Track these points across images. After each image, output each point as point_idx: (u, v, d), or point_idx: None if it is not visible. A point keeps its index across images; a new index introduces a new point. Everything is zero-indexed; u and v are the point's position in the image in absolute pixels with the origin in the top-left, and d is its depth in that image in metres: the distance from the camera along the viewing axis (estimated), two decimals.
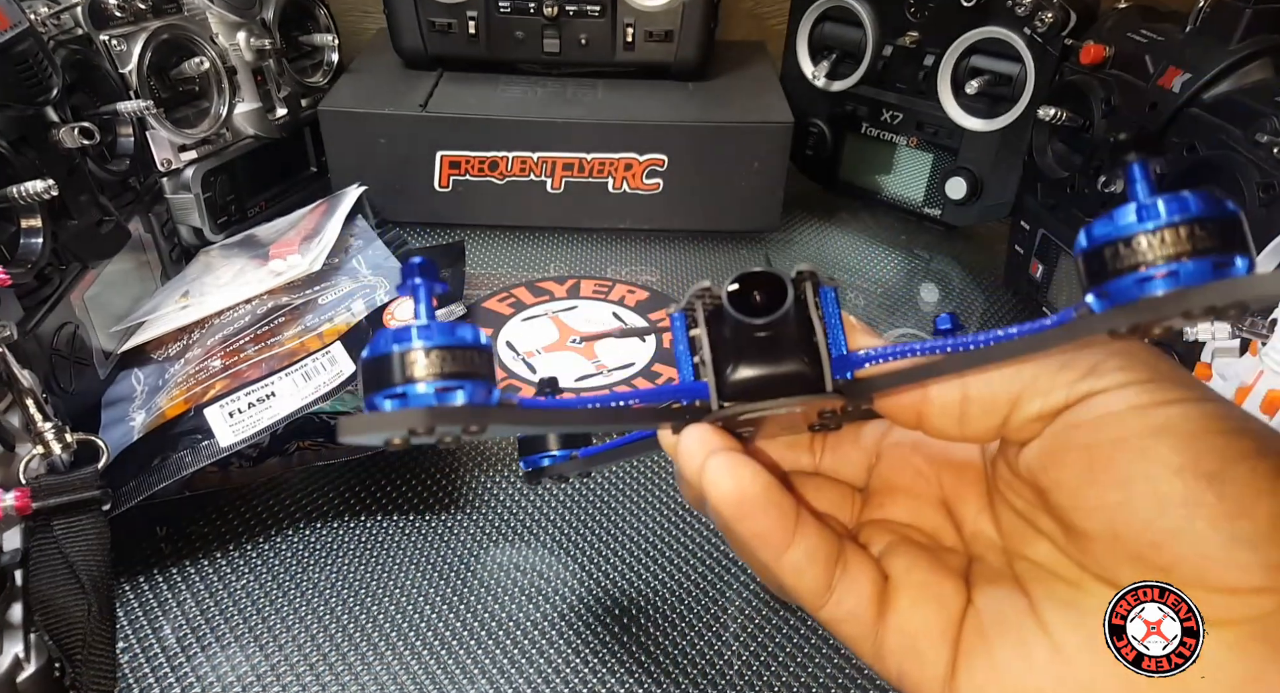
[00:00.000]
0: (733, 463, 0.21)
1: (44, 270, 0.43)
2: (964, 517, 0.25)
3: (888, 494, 0.26)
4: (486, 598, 0.40)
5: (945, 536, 0.25)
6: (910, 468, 0.25)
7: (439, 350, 0.16)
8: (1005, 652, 0.21)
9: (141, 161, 0.55)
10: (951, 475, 0.25)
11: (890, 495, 0.25)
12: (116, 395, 0.49)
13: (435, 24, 0.71)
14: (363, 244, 0.58)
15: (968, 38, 0.64)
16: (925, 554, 0.24)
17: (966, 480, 0.25)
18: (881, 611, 0.22)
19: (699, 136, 0.67)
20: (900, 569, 0.23)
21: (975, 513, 0.24)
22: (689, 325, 0.22)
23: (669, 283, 0.66)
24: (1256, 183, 0.40)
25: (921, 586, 0.23)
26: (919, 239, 0.74)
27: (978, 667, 0.22)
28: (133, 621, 0.39)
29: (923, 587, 0.23)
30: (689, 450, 0.21)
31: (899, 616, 0.22)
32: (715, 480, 0.21)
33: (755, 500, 0.21)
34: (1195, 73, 0.46)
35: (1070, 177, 0.55)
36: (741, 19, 0.92)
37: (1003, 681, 0.21)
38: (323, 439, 0.45)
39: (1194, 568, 0.19)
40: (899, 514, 0.25)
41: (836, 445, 0.26)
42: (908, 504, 0.25)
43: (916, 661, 0.22)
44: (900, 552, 0.24)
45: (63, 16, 0.50)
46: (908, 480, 0.25)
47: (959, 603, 0.23)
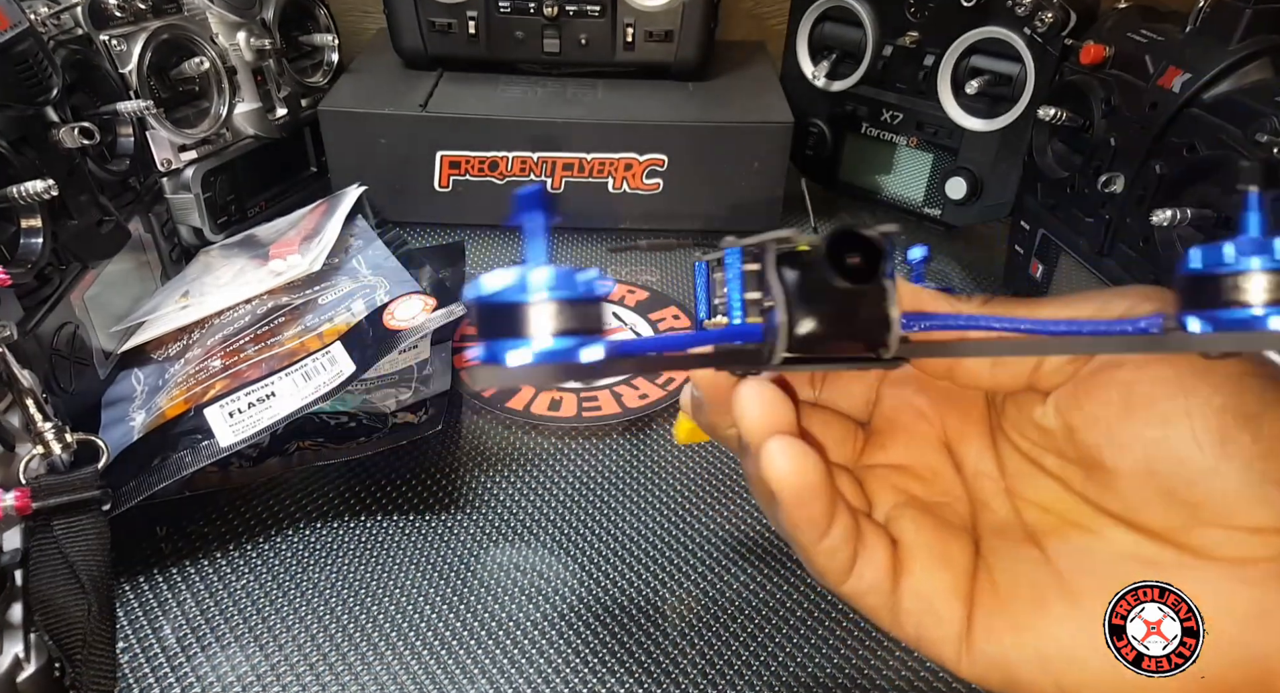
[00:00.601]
0: (797, 451, 0.21)
1: (44, 270, 0.43)
2: (965, 457, 0.25)
3: (889, 433, 0.26)
4: (486, 598, 0.40)
5: (945, 476, 0.25)
6: (912, 408, 0.26)
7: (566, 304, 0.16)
8: (1020, 604, 0.22)
9: (141, 161, 0.55)
10: (955, 415, 0.25)
11: (891, 435, 0.26)
12: (116, 395, 0.49)
13: (435, 24, 0.71)
14: (363, 244, 0.58)
15: (968, 38, 0.64)
16: (930, 514, 0.24)
17: (970, 420, 0.25)
18: (896, 577, 0.23)
19: (699, 137, 0.67)
20: (909, 533, 0.23)
21: (977, 453, 0.25)
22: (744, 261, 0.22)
23: (669, 283, 0.66)
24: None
25: (930, 546, 0.23)
26: (919, 239, 0.74)
27: (995, 622, 0.22)
28: (133, 620, 0.39)
29: (931, 547, 0.23)
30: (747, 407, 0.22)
31: (912, 579, 0.23)
32: (780, 467, 0.21)
33: (815, 489, 0.21)
34: (1195, 73, 0.46)
35: (1070, 177, 0.55)
36: (741, 19, 0.92)
37: (1020, 634, 0.21)
38: (322, 439, 0.45)
39: (1222, 505, 0.19)
40: (900, 455, 0.25)
41: (837, 377, 0.26)
42: (909, 444, 0.25)
43: (933, 620, 0.22)
44: (906, 515, 0.24)
45: (63, 16, 0.50)
46: (909, 420, 0.25)
47: (968, 558, 0.23)
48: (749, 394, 0.22)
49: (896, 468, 0.25)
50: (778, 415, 0.21)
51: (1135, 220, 0.48)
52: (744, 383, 0.22)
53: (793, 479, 0.21)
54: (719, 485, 0.47)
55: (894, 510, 0.24)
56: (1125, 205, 0.49)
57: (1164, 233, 0.46)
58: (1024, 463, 0.23)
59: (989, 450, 0.24)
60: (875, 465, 0.26)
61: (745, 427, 0.22)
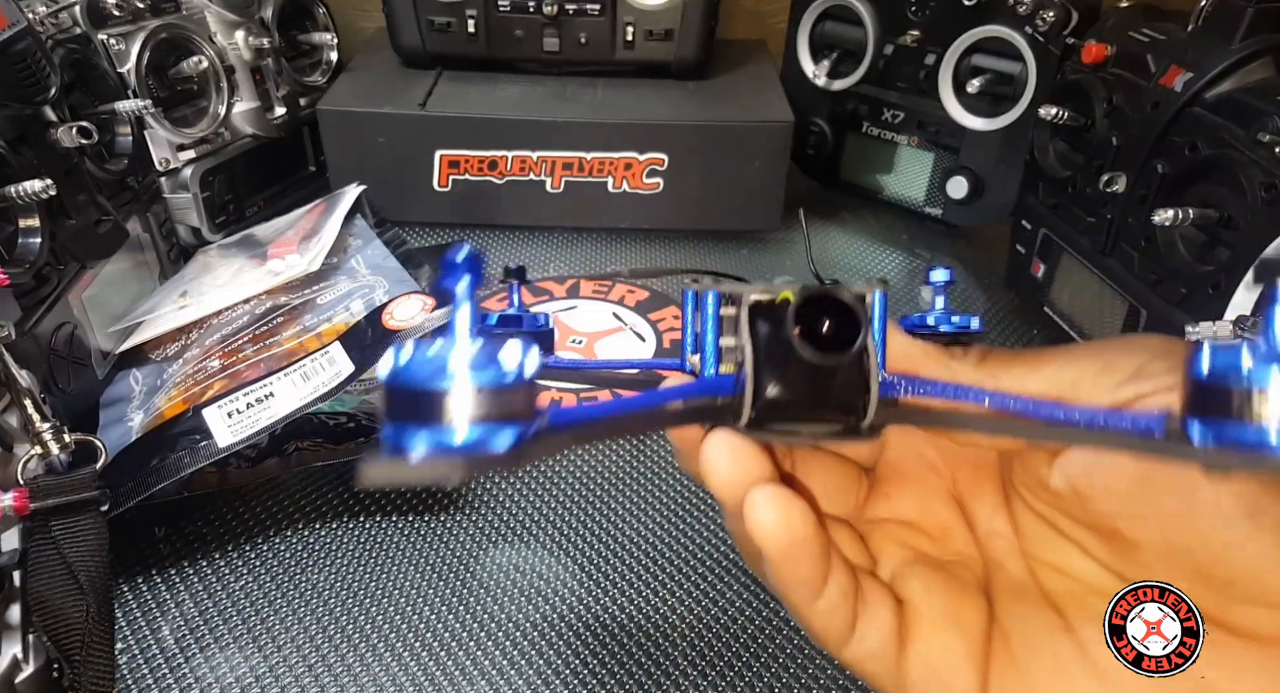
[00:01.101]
0: (783, 502, 0.19)
1: (42, 270, 0.43)
2: (977, 514, 0.23)
3: (895, 484, 0.24)
4: (485, 599, 0.40)
5: (956, 535, 0.23)
6: (921, 459, 0.24)
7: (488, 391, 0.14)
8: (1040, 675, 0.20)
9: (140, 161, 0.55)
10: (966, 469, 0.23)
11: (898, 486, 0.24)
12: (115, 396, 0.48)
13: (434, 23, 0.70)
14: (361, 244, 0.57)
15: (969, 37, 0.64)
16: (940, 573, 0.22)
17: (982, 475, 0.23)
18: (902, 642, 0.21)
19: (699, 136, 0.67)
20: (917, 592, 0.21)
21: (990, 512, 0.23)
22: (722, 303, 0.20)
23: (669, 283, 0.65)
24: (1259, 182, 0.40)
25: (940, 609, 0.21)
26: (920, 239, 0.74)
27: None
28: (131, 621, 0.39)
29: (942, 611, 0.21)
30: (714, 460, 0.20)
31: (920, 644, 0.21)
32: (764, 520, 0.19)
33: (805, 544, 0.19)
34: (1197, 72, 0.46)
35: (1072, 176, 0.55)
36: (742, 18, 0.92)
37: None
38: (321, 440, 0.45)
39: (1258, 583, 0.18)
40: (907, 509, 0.24)
41: None
42: (917, 498, 0.24)
43: (942, 691, 0.21)
44: (914, 572, 0.22)
45: (61, 16, 0.50)
46: (918, 472, 0.24)
47: (982, 623, 0.21)
48: (716, 447, 0.20)
49: (903, 523, 0.24)
50: (749, 468, 0.20)
51: (1137, 220, 0.48)
52: (712, 434, 0.20)
53: (780, 535, 0.19)
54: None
55: (901, 568, 0.22)
56: (1127, 205, 0.49)
57: (1166, 232, 0.46)
58: (1039, 524, 0.21)
59: (1002, 508, 0.23)
60: (880, 519, 0.24)
61: (714, 484, 0.20)
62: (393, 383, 0.15)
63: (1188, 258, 0.45)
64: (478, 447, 0.14)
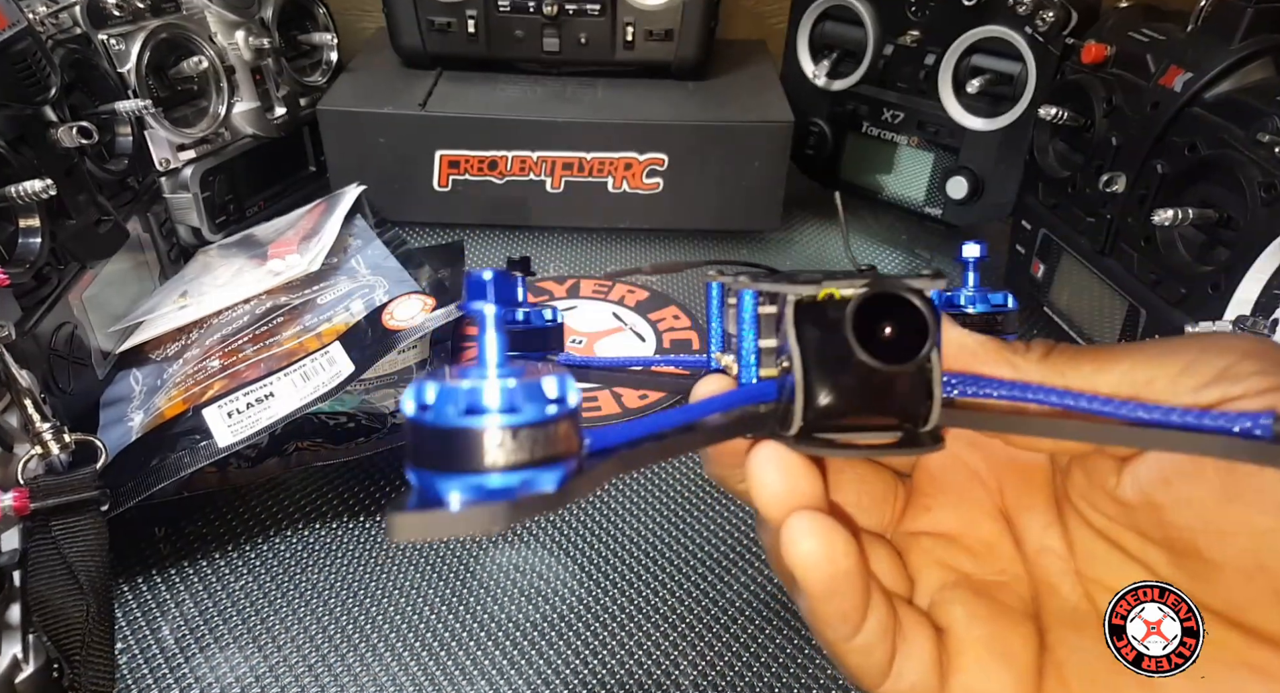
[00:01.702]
0: (826, 533, 0.17)
1: (42, 270, 0.43)
2: (1027, 529, 0.21)
3: (936, 495, 0.22)
4: (486, 599, 0.40)
5: (1001, 552, 0.21)
6: (964, 466, 0.22)
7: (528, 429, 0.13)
8: None
9: (140, 161, 0.55)
10: (1014, 479, 0.21)
11: (939, 497, 0.22)
12: (115, 396, 0.48)
13: (434, 23, 0.70)
14: (361, 244, 0.57)
15: (969, 37, 0.64)
16: (984, 598, 0.20)
17: (1032, 486, 0.21)
18: (943, 676, 0.19)
19: (699, 136, 0.67)
20: (959, 621, 0.20)
21: (1042, 526, 0.21)
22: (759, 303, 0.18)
23: (669, 283, 0.65)
24: (1258, 182, 0.40)
25: (986, 641, 0.20)
26: (920, 239, 0.74)
27: None
28: (131, 621, 0.39)
29: (987, 642, 0.20)
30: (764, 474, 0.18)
31: (964, 677, 0.19)
32: (806, 552, 0.17)
33: (847, 578, 0.18)
34: (1197, 72, 0.46)
35: (1071, 176, 0.55)
36: (742, 18, 0.92)
37: None
38: (321, 439, 0.45)
39: None
40: (948, 521, 0.22)
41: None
42: (959, 510, 0.22)
43: None
44: (956, 598, 0.20)
45: (61, 16, 0.50)
46: (961, 481, 0.22)
47: (1031, 654, 0.20)
48: (767, 460, 0.18)
49: (943, 538, 0.22)
50: (802, 487, 0.18)
51: (1136, 220, 0.48)
52: (761, 446, 0.18)
53: (822, 568, 0.17)
54: (718, 487, 0.47)
55: (941, 593, 0.21)
56: (1126, 205, 0.49)
57: (1165, 232, 0.46)
58: (1097, 541, 0.20)
59: (1055, 524, 0.21)
60: (918, 533, 0.22)
61: (762, 499, 0.18)
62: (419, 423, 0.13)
63: (1187, 258, 0.45)
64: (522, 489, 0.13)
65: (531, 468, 0.13)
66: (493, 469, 0.13)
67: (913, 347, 0.15)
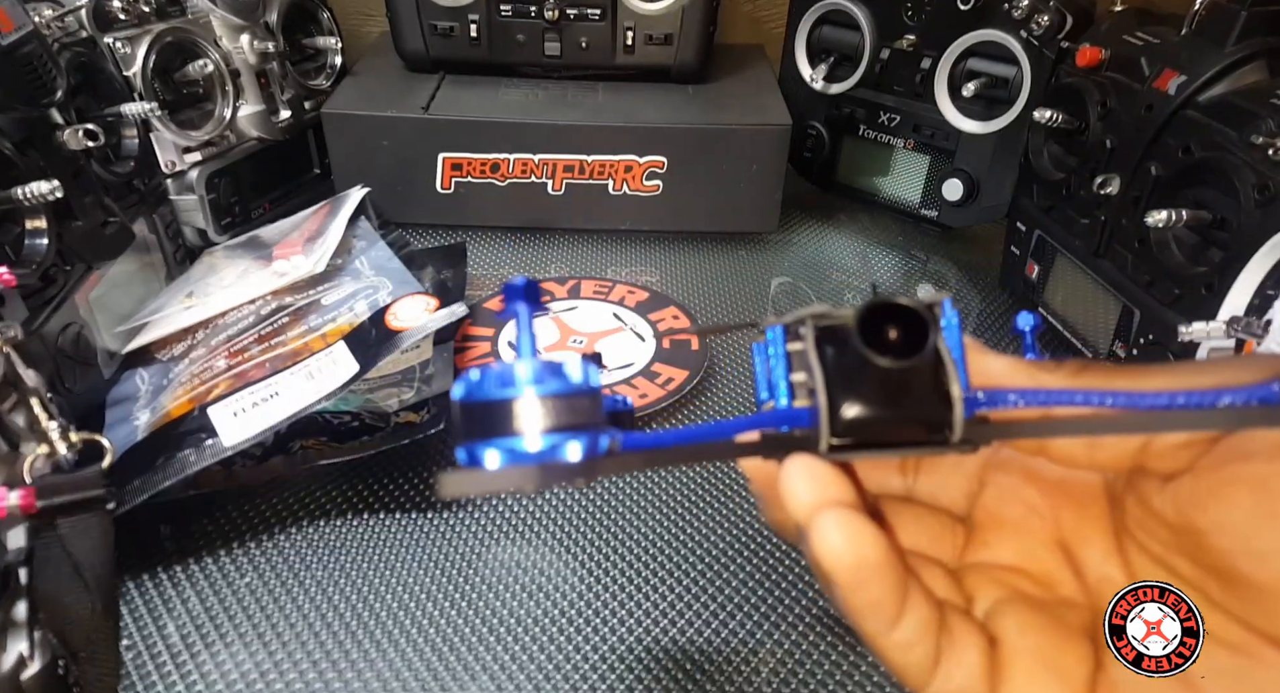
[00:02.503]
0: (851, 524, 0.18)
1: (49, 271, 0.43)
2: (1086, 561, 0.21)
3: (994, 530, 0.22)
4: (488, 596, 0.41)
5: (1063, 583, 0.21)
6: (1021, 501, 0.22)
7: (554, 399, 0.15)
8: None
9: (146, 163, 0.55)
10: (1071, 511, 0.21)
11: (997, 532, 0.22)
12: (121, 395, 0.49)
13: (437, 27, 0.71)
14: (365, 245, 0.58)
15: (964, 41, 0.64)
16: (1040, 612, 0.20)
17: (1089, 517, 0.21)
18: (993, 685, 0.19)
19: (698, 139, 0.68)
20: (1012, 632, 0.20)
21: (1101, 557, 0.21)
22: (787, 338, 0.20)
23: (669, 284, 0.66)
24: (1251, 184, 0.40)
25: (1039, 652, 0.19)
26: (916, 240, 0.74)
27: None
28: (137, 619, 0.39)
29: (1040, 654, 0.19)
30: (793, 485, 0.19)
31: (1013, 687, 0.19)
32: (831, 542, 0.18)
33: (876, 567, 0.18)
34: (1190, 75, 0.46)
35: (1066, 178, 0.55)
36: (740, 22, 0.92)
37: None
38: (326, 438, 0.45)
39: None
40: (1007, 555, 0.22)
41: (933, 467, 0.23)
42: (1017, 543, 0.22)
43: None
44: (1010, 610, 0.20)
45: (67, 19, 0.50)
46: (1018, 515, 0.22)
47: (1086, 670, 0.19)
48: (795, 471, 0.19)
49: (1004, 568, 0.22)
50: (831, 492, 0.18)
51: (1130, 221, 0.49)
52: (791, 459, 0.19)
53: (847, 557, 0.18)
54: (720, 485, 0.47)
55: (997, 605, 0.21)
56: (1121, 206, 0.50)
57: (1159, 234, 0.46)
58: (1156, 568, 0.19)
59: (1114, 554, 0.21)
60: (978, 563, 0.22)
61: (793, 506, 0.19)
62: (466, 400, 0.16)
63: (1181, 259, 0.45)
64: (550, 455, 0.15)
65: (558, 432, 0.15)
66: (523, 432, 0.15)
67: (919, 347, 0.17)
